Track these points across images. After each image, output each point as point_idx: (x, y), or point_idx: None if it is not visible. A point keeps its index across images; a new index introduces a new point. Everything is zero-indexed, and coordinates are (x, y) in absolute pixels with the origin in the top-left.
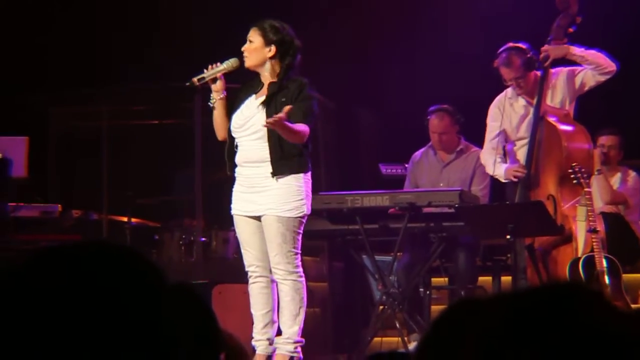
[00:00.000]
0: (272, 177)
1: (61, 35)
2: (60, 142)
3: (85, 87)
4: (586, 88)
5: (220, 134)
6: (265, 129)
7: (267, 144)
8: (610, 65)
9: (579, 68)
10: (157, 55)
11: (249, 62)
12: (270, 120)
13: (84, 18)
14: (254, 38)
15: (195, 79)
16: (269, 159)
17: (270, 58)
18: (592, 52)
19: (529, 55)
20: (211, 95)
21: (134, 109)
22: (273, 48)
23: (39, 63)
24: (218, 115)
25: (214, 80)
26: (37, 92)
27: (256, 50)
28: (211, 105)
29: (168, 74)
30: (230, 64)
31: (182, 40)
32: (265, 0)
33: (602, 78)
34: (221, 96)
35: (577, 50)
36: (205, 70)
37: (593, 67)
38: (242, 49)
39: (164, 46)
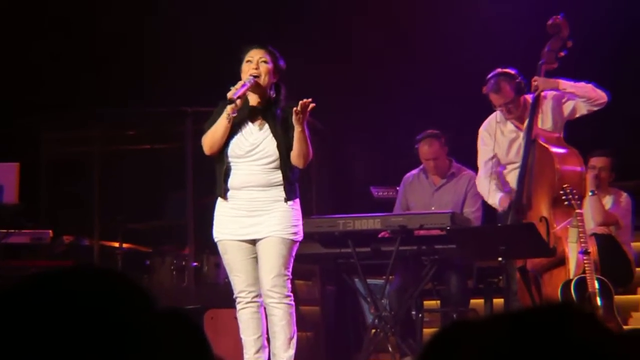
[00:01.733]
0: (285, 202)
1: (52, 60)
2: (51, 168)
3: (76, 112)
4: (577, 115)
5: (215, 148)
6: (277, 154)
7: (278, 168)
8: (601, 97)
9: (568, 95)
10: (148, 79)
11: (262, 81)
12: (302, 105)
13: (75, 43)
14: (268, 61)
15: (235, 97)
16: (280, 182)
17: (273, 84)
18: (582, 85)
19: (517, 80)
20: (227, 109)
21: (125, 133)
22: (277, 75)
23: (30, 88)
24: (226, 130)
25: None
26: (28, 117)
27: (270, 72)
28: (229, 120)
29: (159, 98)
30: (252, 81)
31: (173, 65)
32: (257, 29)
33: (594, 108)
34: (236, 114)
35: (567, 85)
36: (237, 92)
37: (584, 100)
38: (258, 67)
39: (155, 71)
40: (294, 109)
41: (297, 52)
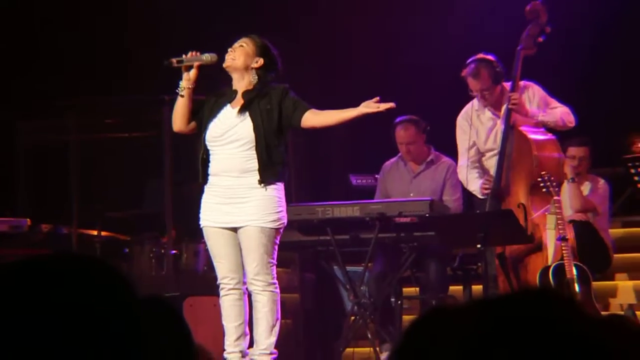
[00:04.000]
0: (260, 184)
1: (27, 48)
2: (28, 156)
3: (53, 100)
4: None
5: (178, 124)
6: (252, 136)
7: (254, 152)
8: (566, 127)
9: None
10: (125, 67)
11: (234, 63)
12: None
13: (51, 31)
14: (247, 44)
15: (173, 60)
16: (256, 168)
17: (255, 69)
18: (551, 113)
19: (497, 69)
20: (180, 83)
21: (103, 121)
22: (261, 60)
23: (6, 77)
24: (184, 104)
25: (189, 67)
26: (5, 106)
27: (246, 54)
28: (180, 92)
29: (136, 86)
30: (209, 57)
31: (150, 52)
32: (240, 19)
33: (559, 129)
34: (191, 86)
35: (540, 117)
36: (184, 56)
37: (551, 126)
38: (231, 48)
39: (131, 58)
40: (376, 103)
41: (278, 36)
